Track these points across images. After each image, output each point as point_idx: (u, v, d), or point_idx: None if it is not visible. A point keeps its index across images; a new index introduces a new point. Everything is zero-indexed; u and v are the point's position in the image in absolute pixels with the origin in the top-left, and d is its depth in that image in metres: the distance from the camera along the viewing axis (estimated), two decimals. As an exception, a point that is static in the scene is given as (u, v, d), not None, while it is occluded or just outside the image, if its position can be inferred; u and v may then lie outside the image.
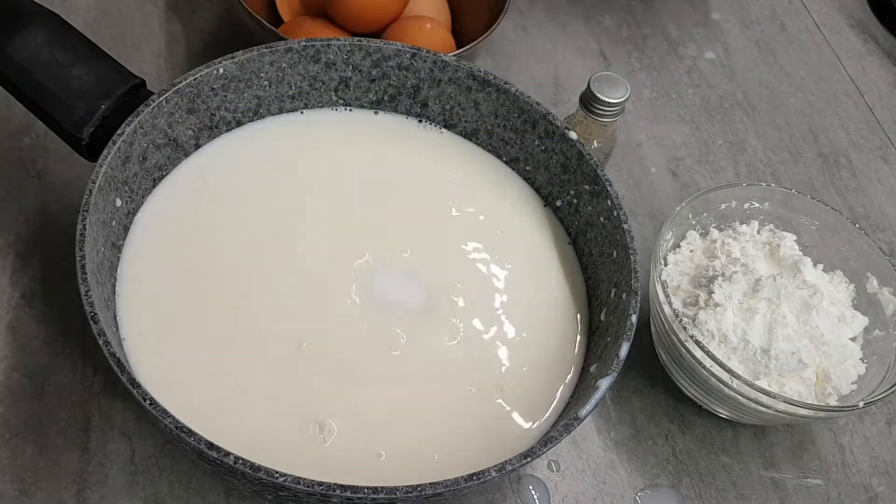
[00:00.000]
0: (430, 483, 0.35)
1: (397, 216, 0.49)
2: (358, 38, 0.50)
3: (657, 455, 0.49)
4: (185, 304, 0.43)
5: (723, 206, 0.53)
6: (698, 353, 0.46)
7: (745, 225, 0.53)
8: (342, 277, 0.46)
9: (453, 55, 0.51)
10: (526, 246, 0.50)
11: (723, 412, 0.50)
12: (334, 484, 0.35)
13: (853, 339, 0.50)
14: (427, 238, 0.49)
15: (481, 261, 0.48)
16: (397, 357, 0.44)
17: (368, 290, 0.46)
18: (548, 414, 0.43)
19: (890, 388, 0.46)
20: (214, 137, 0.49)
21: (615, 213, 0.46)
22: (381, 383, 0.43)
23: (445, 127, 0.53)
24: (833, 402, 0.48)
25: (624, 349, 0.41)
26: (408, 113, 0.52)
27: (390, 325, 0.45)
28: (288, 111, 0.51)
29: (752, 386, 0.45)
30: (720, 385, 0.46)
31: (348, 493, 0.35)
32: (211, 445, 0.35)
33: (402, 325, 0.45)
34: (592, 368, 0.44)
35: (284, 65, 0.49)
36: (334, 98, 0.52)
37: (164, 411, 0.35)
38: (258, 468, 0.35)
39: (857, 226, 0.53)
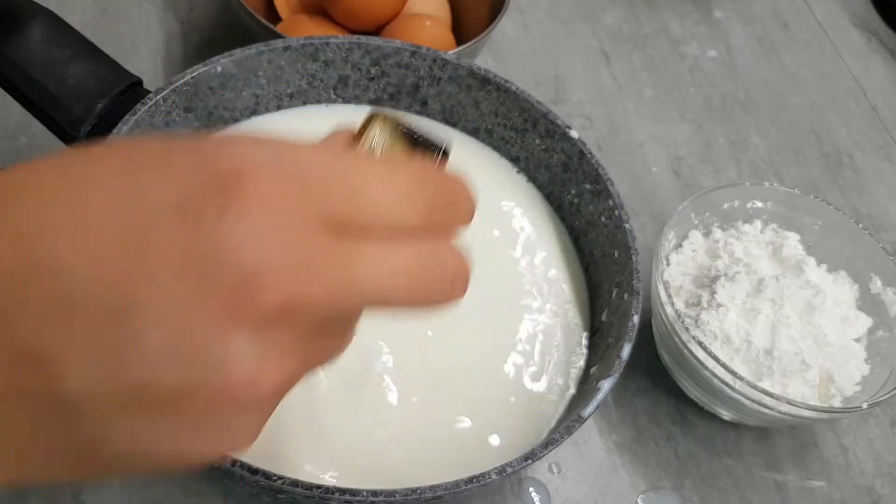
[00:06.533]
0: (430, 486, 0.35)
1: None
2: (357, 36, 0.49)
3: (659, 457, 0.49)
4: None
5: (725, 206, 0.53)
6: (701, 355, 0.45)
7: (747, 224, 0.53)
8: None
9: (453, 53, 0.51)
10: (526, 247, 0.49)
11: (725, 414, 0.49)
12: (333, 487, 0.34)
13: (857, 340, 0.50)
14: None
15: (480, 261, 0.48)
16: (398, 359, 0.43)
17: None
18: (548, 414, 0.43)
19: (894, 389, 0.46)
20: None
21: (617, 212, 0.46)
22: (382, 385, 0.43)
23: (446, 125, 0.52)
24: (836, 403, 0.47)
25: (626, 350, 0.41)
26: (408, 111, 0.52)
27: (391, 328, 0.44)
28: (286, 109, 0.51)
29: (754, 387, 0.44)
30: (723, 386, 0.45)
31: (347, 497, 0.34)
32: (208, 448, 0.34)
33: (402, 327, 0.44)
34: (594, 369, 0.44)
35: (283, 63, 0.48)
36: (333, 96, 0.51)
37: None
38: (256, 471, 0.34)
39: (861, 226, 0.52)
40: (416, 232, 0.23)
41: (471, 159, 0.52)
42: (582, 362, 0.45)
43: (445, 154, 0.27)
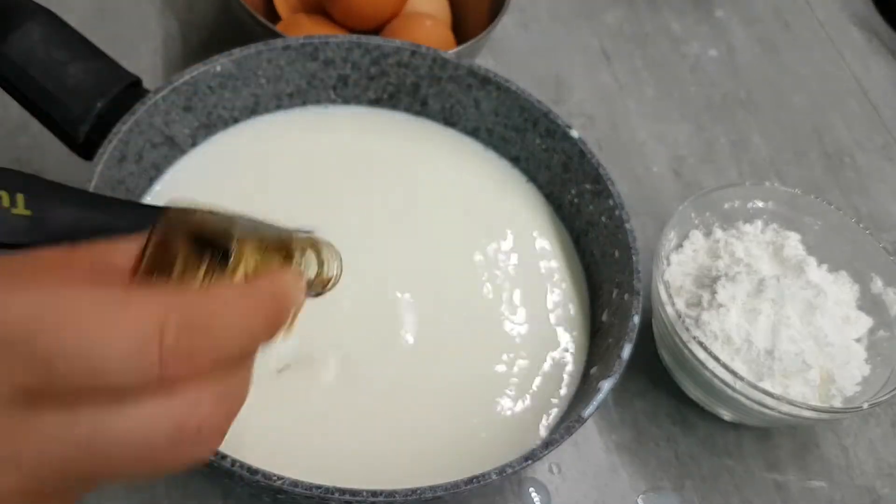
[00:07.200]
0: (430, 486, 0.35)
1: (395, 215, 0.49)
2: (357, 36, 0.49)
3: (659, 458, 0.49)
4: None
5: (726, 206, 0.53)
6: (701, 355, 0.45)
7: (748, 224, 0.53)
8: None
9: (453, 53, 0.50)
10: (527, 247, 0.49)
11: (726, 414, 0.49)
12: (333, 487, 0.34)
13: (858, 340, 0.50)
14: (425, 239, 0.48)
15: (481, 261, 0.48)
16: (397, 360, 0.43)
17: (366, 287, 0.45)
18: (549, 416, 0.43)
19: (894, 390, 0.46)
20: (212, 135, 0.49)
21: (617, 212, 0.46)
22: (381, 388, 0.42)
23: (446, 125, 0.52)
24: (837, 403, 0.47)
25: (626, 350, 0.40)
26: (408, 111, 0.52)
27: (388, 327, 0.44)
28: (286, 108, 0.51)
29: (755, 388, 0.44)
30: (723, 387, 0.45)
31: (347, 497, 0.34)
32: (207, 449, 0.34)
33: (400, 327, 0.44)
34: (594, 370, 0.44)
35: (282, 62, 0.48)
36: (332, 96, 0.51)
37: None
38: (255, 471, 0.34)
39: (862, 226, 0.52)
40: (153, 385, 0.19)
41: (470, 159, 0.52)
42: (582, 363, 0.45)
43: (241, 249, 0.24)
